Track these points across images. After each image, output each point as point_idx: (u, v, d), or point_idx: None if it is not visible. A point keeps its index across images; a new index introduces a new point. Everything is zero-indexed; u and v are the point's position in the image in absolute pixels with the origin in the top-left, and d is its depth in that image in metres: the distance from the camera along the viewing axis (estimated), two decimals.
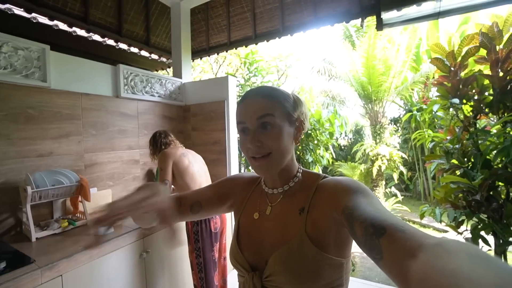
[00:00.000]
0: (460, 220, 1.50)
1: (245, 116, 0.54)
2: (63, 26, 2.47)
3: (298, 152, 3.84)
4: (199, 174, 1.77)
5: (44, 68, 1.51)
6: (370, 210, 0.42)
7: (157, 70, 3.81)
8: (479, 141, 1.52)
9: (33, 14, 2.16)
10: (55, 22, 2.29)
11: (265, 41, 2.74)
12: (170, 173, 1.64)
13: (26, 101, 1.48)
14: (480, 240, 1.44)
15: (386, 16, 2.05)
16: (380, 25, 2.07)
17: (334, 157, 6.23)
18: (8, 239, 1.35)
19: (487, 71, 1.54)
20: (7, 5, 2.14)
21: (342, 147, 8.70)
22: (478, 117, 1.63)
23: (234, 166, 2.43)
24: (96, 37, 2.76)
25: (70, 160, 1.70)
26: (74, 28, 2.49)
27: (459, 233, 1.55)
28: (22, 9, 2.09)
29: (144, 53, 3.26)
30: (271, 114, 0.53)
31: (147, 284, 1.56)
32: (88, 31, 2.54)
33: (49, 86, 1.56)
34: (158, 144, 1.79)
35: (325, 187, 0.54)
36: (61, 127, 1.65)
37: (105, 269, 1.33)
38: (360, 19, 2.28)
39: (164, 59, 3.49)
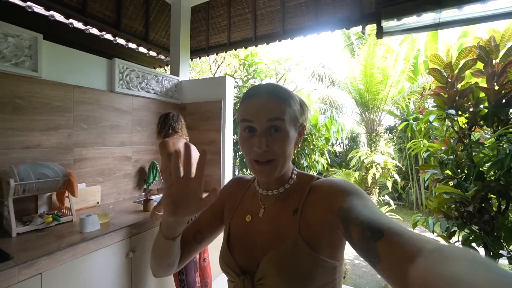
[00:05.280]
0: (452, 230, 1.50)
1: (254, 115, 0.50)
2: (59, 17, 2.42)
3: (294, 157, 3.83)
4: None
5: (36, 57, 1.47)
6: (366, 213, 0.41)
7: (155, 68, 3.77)
8: (473, 153, 1.52)
9: (28, 3, 2.11)
10: (51, 12, 2.23)
11: (265, 43, 2.73)
12: None
13: (14, 91, 1.43)
14: None
15: (386, 24, 2.06)
16: (380, 33, 2.08)
17: (329, 163, 6.24)
18: None
19: (483, 84, 1.56)
20: None
21: (337, 154, 8.74)
22: (472, 129, 1.64)
23: (228, 167, 2.40)
24: (94, 31, 2.72)
25: (58, 154, 1.65)
26: (71, 20, 2.45)
27: (450, 244, 1.55)
28: None
29: (142, 49, 3.22)
30: (282, 118, 0.50)
31: (132, 286, 1.51)
32: (85, 24, 2.49)
33: (40, 76, 1.51)
34: (166, 126, 1.74)
35: (319, 188, 0.53)
36: (51, 119, 1.60)
37: (88, 268, 1.27)
38: (360, 26, 2.30)
39: (162, 57, 3.46)
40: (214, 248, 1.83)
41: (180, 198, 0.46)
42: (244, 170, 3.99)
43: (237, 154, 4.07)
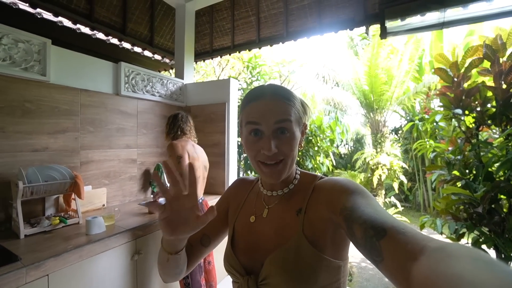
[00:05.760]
0: (461, 232, 1.47)
1: (261, 118, 0.50)
2: (67, 23, 2.48)
3: (298, 158, 3.82)
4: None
5: (44, 62, 1.50)
6: (369, 212, 0.41)
7: (159, 71, 3.82)
8: (482, 153, 1.50)
9: (38, 10, 2.16)
10: (60, 18, 2.29)
11: (269, 45, 2.74)
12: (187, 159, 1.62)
13: (23, 95, 1.46)
14: None
15: (390, 25, 2.05)
16: (384, 34, 2.06)
17: (334, 164, 6.20)
18: None
19: (490, 82, 1.53)
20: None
21: (343, 155, 8.67)
22: (480, 128, 1.61)
23: (233, 170, 2.40)
24: (100, 35, 2.77)
25: (65, 157, 1.67)
26: (78, 25, 2.50)
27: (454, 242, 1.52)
28: (27, 4, 2.09)
29: (147, 53, 3.26)
30: (289, 119, 0.50)
31: None
32: (92, 29, 2.55)
33: (48, 80, 1.54)
34: (175, 127, 1.76)
35: (322, 187, 0.53)
36: (58, 123, 1.63)
37: (94, 270, 1.28)
38: (364, 27, 2.29)
39: (167, 60, 3.50)
40: (219, 251, 1.83)
41: (177, 218, 0.45)
42: (249, 172, 3.99)
43: (242, 156, 4.07)
